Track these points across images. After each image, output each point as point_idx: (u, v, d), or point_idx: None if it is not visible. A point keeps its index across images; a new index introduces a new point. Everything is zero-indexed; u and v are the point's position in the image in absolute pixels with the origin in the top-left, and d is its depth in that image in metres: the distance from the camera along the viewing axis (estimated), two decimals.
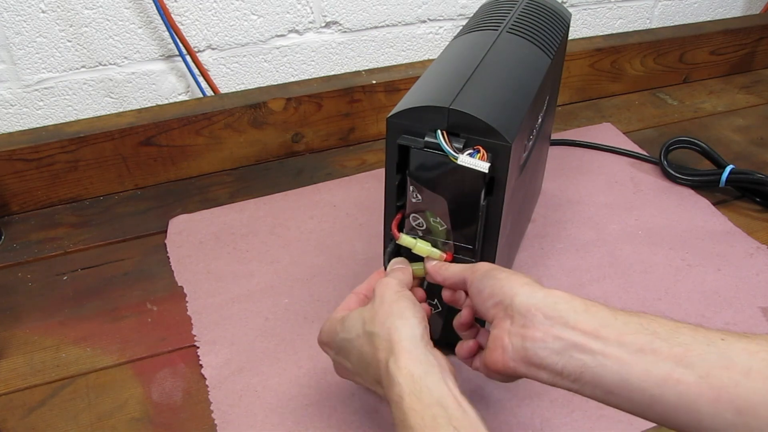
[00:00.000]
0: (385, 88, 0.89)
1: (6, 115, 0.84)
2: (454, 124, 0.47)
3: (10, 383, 0.59)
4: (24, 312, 0.66)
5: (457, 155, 0.46)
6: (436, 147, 0.47)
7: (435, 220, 0.51)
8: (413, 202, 0.51)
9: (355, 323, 0.47)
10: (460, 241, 0.52)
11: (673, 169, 0.83)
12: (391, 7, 0.96)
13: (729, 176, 0.79)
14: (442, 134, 0.47)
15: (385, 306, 0.45)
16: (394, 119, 0.49)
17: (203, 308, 0.66)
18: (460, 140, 0.47)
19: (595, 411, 0.56)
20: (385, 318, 0.45)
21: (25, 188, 0.78)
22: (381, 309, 0.45)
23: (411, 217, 0.52)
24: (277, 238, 0.75)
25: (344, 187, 0.83)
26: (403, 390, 0.40)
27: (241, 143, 0.86)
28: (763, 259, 0.72)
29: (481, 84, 0.50)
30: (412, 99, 0.50)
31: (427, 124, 0.48)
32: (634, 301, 0.66)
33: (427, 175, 0.49)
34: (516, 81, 0.53)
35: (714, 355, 0.35)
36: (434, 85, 0.51)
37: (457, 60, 0.55)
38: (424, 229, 0.52)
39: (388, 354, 0.43)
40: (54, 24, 0.80)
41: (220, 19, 0.88)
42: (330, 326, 0.50)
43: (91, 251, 0.74)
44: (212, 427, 0.55)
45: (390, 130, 0.49)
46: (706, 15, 1.23)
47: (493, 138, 0.46)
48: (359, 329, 0.46)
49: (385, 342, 0.44)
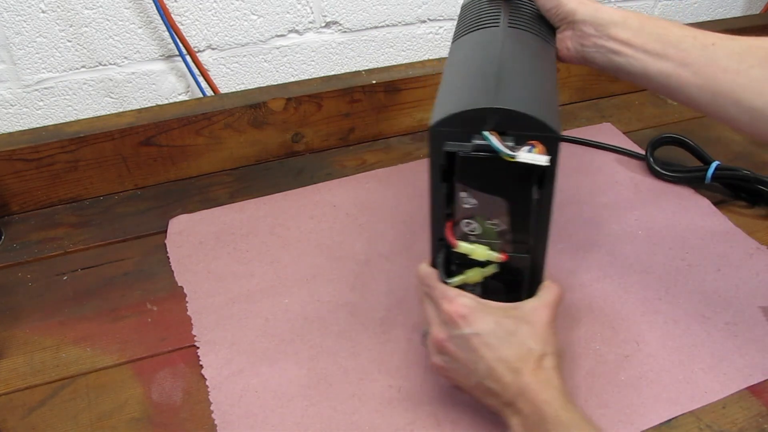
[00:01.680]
0: (385, 88, 0.89)
1: (6, 115, 0.84)
2: (499, 123, 0.46)
3: (10, 383, 0.59)
4: (24, 312, 0.66)
5: (515, 153, 0.45)
6: (488, 149, 0.46)
7: (491, 223, 0.51)
8: (466, 207, 0.50)
9: (515, 327, 0.50)
10: (515, 237, 0.51)
11: (659, 166, 0.84)
12: (391, 7, 0.96)
13: (715, 173, 0.80)
14: (493, 135, 0.46)
15: (546, 327, 0.50)
16: (438, 128, 0.47)
17: (203, 308, 0.66)
18: (508, 138, 0.46)
19: (596, 410, 0.56)
20: (544, 337, 0.50)
21: (25, 188, 0.78)
22: (541, 327, 0.50)
23: (463, 223, 0.51)
24: (277, 238, 0.75)
25: (344, 187, 0.83)
26: (555, 400, 0.47)
27: (241, 143, 0.86)
28: (763, 259, 0.72)
29: (513, 81, 0.50)
30: (450, 105, 0.48)
31: (471, 128, 0.47)
32: (634, 300, 0.66)
33: (480, 178, 0.48)
34: (540, 73, 0.53)
35: (704, 58, 0.53)
36: (465, 87, 0.50)
37: (475, 60, 0.54)
38: (477, 233, 0.52)
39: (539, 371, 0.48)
40: (54, 24, 0.80)
41: (220, 19, 0.88)
42: (480, 305, 0.51)
43: (91, 251, 0.74)
44: (212, 428, 0.55)
45: (433, 139, 0.48)
46: (706, 15, 1.23)
47: (542, 132, 0.46)
48: (519, 339, 0.49)
49: (537, 359, 0.48)
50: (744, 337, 0.62)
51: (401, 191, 0.82)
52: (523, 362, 0.48)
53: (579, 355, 0.61)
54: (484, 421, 0.55)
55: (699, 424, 0.55)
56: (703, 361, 0.60)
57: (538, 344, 0.49)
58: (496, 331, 0.49)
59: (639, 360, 0.60)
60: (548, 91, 0.51)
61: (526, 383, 0.47)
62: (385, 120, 0.92)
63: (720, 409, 0.56)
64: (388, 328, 0.64)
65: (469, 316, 0.49)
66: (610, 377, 0.59)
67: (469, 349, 0.49)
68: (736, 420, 0.55)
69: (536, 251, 0.53)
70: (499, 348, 0.48)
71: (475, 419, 0.55)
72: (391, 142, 0.93)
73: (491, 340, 0.49)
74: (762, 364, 0.60)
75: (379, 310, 0.66)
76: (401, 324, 0.64)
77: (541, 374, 0.47)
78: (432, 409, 0.56)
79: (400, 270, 0.70)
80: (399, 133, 0.94)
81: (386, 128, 0.93)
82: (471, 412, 0.55)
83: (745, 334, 0.63)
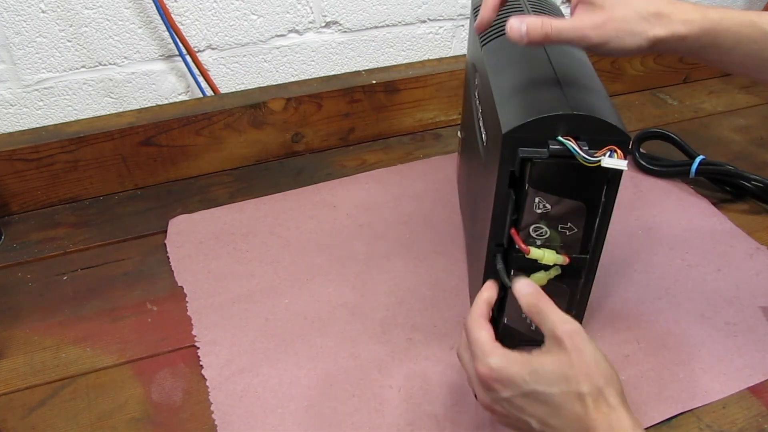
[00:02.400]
0: (385, 88, 0.89)
1: (6, 115, 0.84)
2: (573, 128, 0.47)
3: (10, 383, 0.59)
4: (24, 312, 0.66)
5: (598, 158, 0.46)
6: (564, 154, 0.47)
7: (563, 227, 0.51)
8: (538, 212, 0.50)
9: (556, 377, 0.44)
10: (581, 240, 0.52)
11: (645, 160, 0.85)
12: (391, 7, 0.96)
13: (699, 167, 0.80)
14: (571, 141, 0.46)
15: (586, 357, 0.45)
16: (513, 134, 0.48)
17: (203, 308, 0.66)
18: (582, 143, 0.47)
19: None
20: (589, 372, 0.44)
21: (25, 188, 0.78)
22: (582, 362, 0.44)
23: (532, 228, 0.52)
24: (277, 238, 0.75)
25: (344, 187, 0.83)
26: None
27: (241, 143, 0.86)
28: (763, 259, 0.72)
29: (573, 86, 0.50)
30: (521, 112, 0.48)
31: (544, 134, 0.47)
32: (634, 300, 0.66)
33: (551, 183, 0.49)
34: (591, 77, 0.54)
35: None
36: (533, 94, 0.51)
37: (527, 66, 0.54)
38: (545, 238, 0.52)
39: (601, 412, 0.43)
40: (54, 24, 0.80)
41: (220, 19, 0.88)
42: (513, 362, 0.46)
43: (91, 251, 0.74)
44: (212, 428, 0.55)
45: (506, 147, 0.48)
46: None
47: (614, 135, 0.47)
48: (563, 386, 0.44)
49: (594, 400, 0.43)
50: (744, 337, 0.62)
51: (401, 191, 0.82)
52: (580, 406, 0.44)
53: None
54: (484, 422, 0.55)
55: (699, 424, 0.55)
56: (703, 361, 0.60)
57: (584, 384, 0.44)
58: (536, 386, 0.45)
59: (639, 359, 0.60)
60: (605, 94, 0.52)
61: (593, 423, 0.43)
62: (385, 120, 0.92)
63: (720, 408, 0.56)
64: (388, 328, 0.64)
65: (502, 379, 0.46)
66: None
67: (517, 409, 0.46)
68: (736, 420, 0.55)
69: (595, 252, 0.53)
70: (546, 402, 0.44)
71: (475, 419, 0.55)
72: (391, 142, 0.93)
73: (534, 397, 0.45)
74: (762, 364, 0.60)
75: (379, 310, 0.66)
76: (401, 324, 0.64)
77: (607, 414, 0.43)
78: (432, 409, 0.56)
79: (400, 270, 0.70)
80: (399, 133, 0.94)
81: (386, 128, 0.93)
82: (471, 413, 0.55)
83: (745, 334, 0.63)
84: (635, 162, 0.85)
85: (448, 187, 0.82)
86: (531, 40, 0.48)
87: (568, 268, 0.53)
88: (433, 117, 0.95)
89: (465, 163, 0.72)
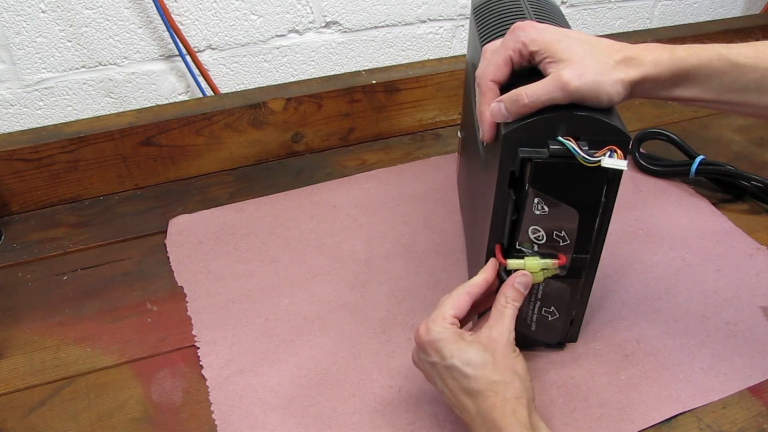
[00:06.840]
0: (385, 88, 0.89)
1: (6, 115, 0.85)
2: (573, 128, 0.47)
3: (10, 383, 0.59)
4: (24, 312, 0.66)
5: (598, 158, 0.46)
6: (565, 154, 0.47)
7: (557, 234, 0.51)
8: (537, 214, 0.50)
9: (479, 363, 0.49)
10: (578, 240, 0.52)
11: (644, 160, 0.85)
12: (391, 7, 0.96)
13: (699, 167, 0.80)
14: (571, 141, 0.46)
15: (509, 360, 0.50)
16: (513, 134, 0.48)
17: (203, 308, 0.66)
18: (582, 143, 0.47)
19: (596, 410, 0.56)
20: (505, 369, 0.49)
21: (25, 188, 0.78)
22: (503, 360, 0.49)
23: (530, 230, 0.52)
24: (277, 238, 0.75)
25: (344, 187, 0.83)
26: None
27: (241, 143, 0.86)
28: (763, 259, 0.72)
29: None
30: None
31: (544, 134, 0.47)
32: (634, 300, 0.66)
33: (551, 183, 0.49)
34: None
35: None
36: None
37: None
38: (543, 240, 0.52)
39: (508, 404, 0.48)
40: (54, 24, 0.80)
41: (220, 19, 0.88)
42: (449, 337, 0.50)
43: (91, 251, 0.74)
44: (212, 428, 0.55)
45: (506, 146, 0.48)
46: (706, 15, 1.23)
47: (614, 136, 0.47)
48: (480, 371, 0.49)
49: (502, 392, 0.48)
50: (744, 337, 0.62)
51: (401, 191, 0.82)
52: (486, 393, 0.48)
53: (579, 355, 0.61)
54: None
55: (699, 424, 0.55)
56: (703, 361, 0.60)
57: (497, 374, 0.48)
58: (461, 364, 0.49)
59: (639, 359, 0.60)
60: None
61: (487, 412, 0.47)
62: (385, 120, 0.92)
63: (720, 408, 0.56)
64: (388, 328, 0.64)
65: (433, 345, 0.50)
66: (611, 376, 0.59)
67: (437, 375, 0.51)
68: (736, 420, 0.55)
69: (595, 252, 0.53)
70: (460, 379, 0.49)
71: None
72: (391, 142, 0.93)
73: (455, 372, 0.49)
74: (762, 364, 0.60)
75: (379, 310, 0.66)
76: (401, 324, 0.64)
77: (503, 405, 0.47)
78: (432, 409, 0.56)
79: (400, 270, 0.70)
80: (399, 133, 0.94)
81: (386, 128, 0.93)
82: None
83: (745, 334, 0.63)
84: (635, 162, 0.86)
85: (448, 187, 0.82)
86: (511, 115, 0.48)
87: (568, 267, 0.53)
88: (433, 117, 0.95)
89: (465, 163, 0.72)
